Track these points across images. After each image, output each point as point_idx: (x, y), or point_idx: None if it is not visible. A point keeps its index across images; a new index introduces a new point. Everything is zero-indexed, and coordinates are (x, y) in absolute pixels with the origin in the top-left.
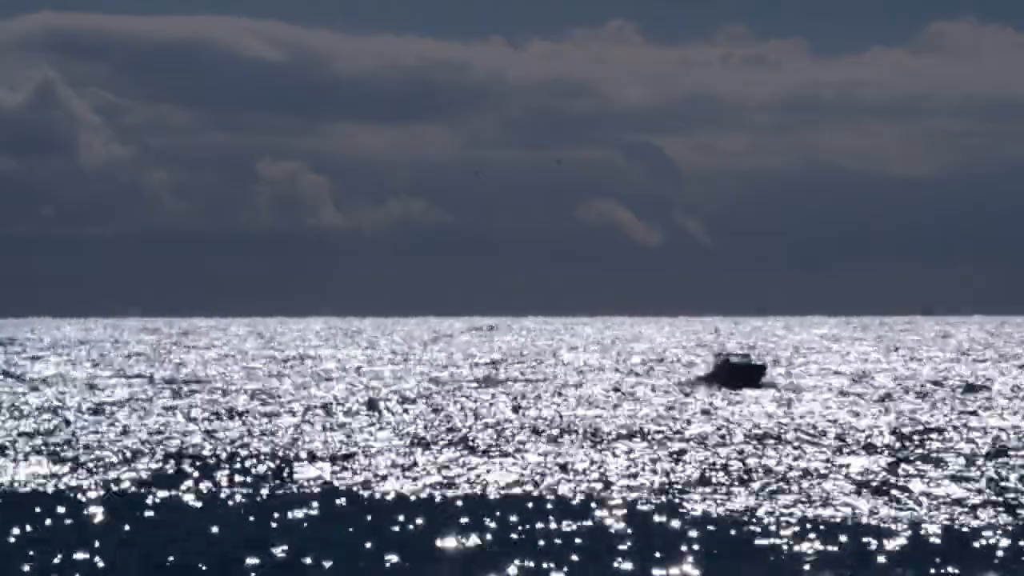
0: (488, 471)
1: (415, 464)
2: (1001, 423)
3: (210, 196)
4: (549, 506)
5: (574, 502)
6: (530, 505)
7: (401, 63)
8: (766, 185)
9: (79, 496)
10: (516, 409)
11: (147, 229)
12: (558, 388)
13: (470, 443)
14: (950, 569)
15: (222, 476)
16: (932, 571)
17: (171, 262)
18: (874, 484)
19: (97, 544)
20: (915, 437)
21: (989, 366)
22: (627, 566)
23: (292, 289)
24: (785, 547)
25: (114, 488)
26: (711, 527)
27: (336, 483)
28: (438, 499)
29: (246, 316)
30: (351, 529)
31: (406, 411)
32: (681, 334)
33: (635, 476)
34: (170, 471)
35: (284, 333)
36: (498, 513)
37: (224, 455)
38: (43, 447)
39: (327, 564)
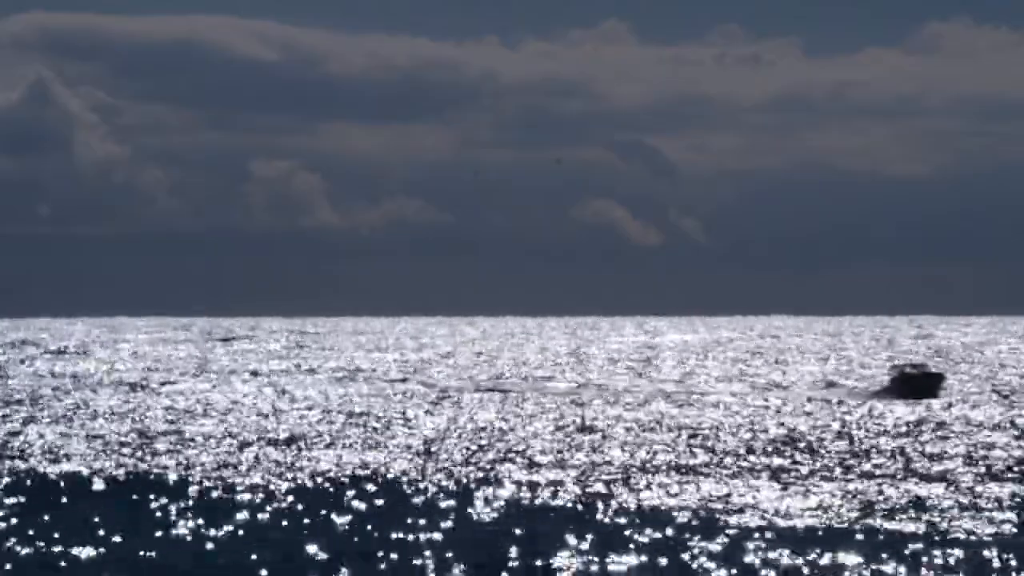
0: None
1: None
2: None
3: (205, 195)
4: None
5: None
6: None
7: (395, 63)
8: (761, 185)
9: None
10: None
11: (142, 228)
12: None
13: None
14: None
15: None
16: None
17: (166, 261)
18: None
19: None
20: None
21: None
22: None
23: (290, 289)
24: None
25: None
26: None
27: None
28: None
29: (243, 316)
30: None
31: None
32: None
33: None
34: None
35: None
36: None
37: None
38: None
39: None
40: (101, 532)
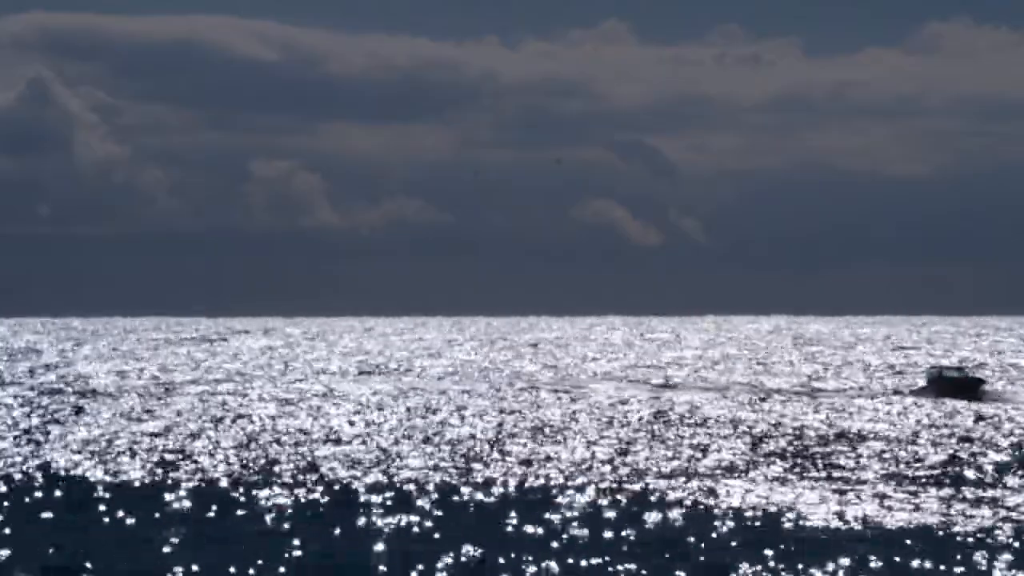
0: None
1: None
2: None
3: (205, 195)
4: None
5: None
6: None
7: (395, 63)
8: (761, 185)
9: None
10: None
11: (142, 229)
12: None
13: None
14: None
15: None
16: None
17: (166, 261)
18: None
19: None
20: None
21: None
22: None
23: (290, 289)
24: None
25: None
26: None
27: None
28: None
29: (242, 316)
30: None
31: None
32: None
33: None
34: None
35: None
36: None
37: None
38: None
39: None
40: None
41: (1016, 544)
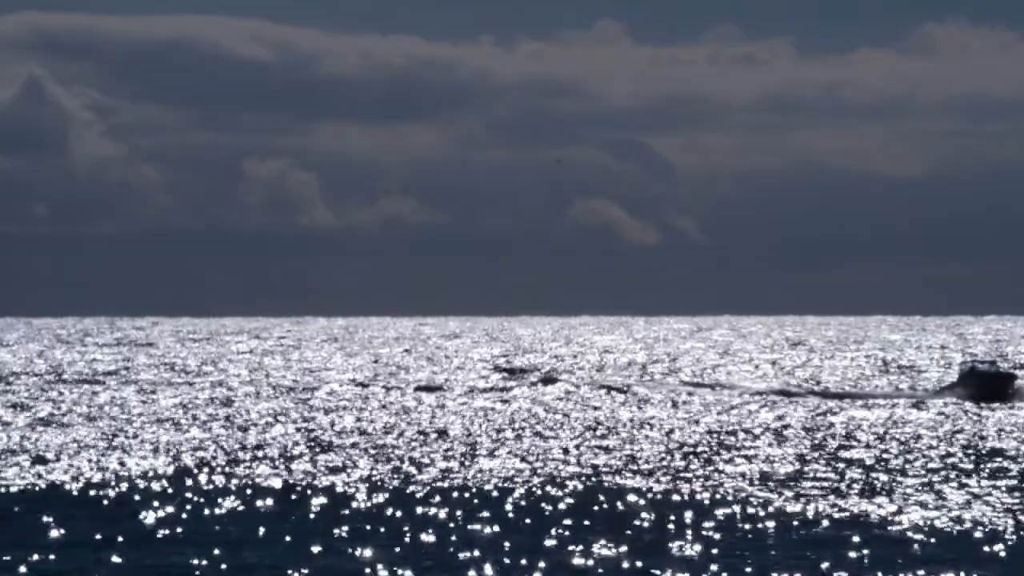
0: None
1: None
2: None
3: (200, 195)
4: None
5: None
6: None
7: (389, 63)
8: (757, 184)
9: None
10: None
11: (137, 228)
12: None
13: None
14: None
15: None
16: None
17: (162, 261)
18: None
19: None
20: None
21: None
22: None
23: (286, 289)
24: None
25: None
26: None
27: None
28: None
29: (240, 316)
30: None
31: None
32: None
33: None
34: None
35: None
36: None
37: None
38: None
39: None
40: None
41: None
